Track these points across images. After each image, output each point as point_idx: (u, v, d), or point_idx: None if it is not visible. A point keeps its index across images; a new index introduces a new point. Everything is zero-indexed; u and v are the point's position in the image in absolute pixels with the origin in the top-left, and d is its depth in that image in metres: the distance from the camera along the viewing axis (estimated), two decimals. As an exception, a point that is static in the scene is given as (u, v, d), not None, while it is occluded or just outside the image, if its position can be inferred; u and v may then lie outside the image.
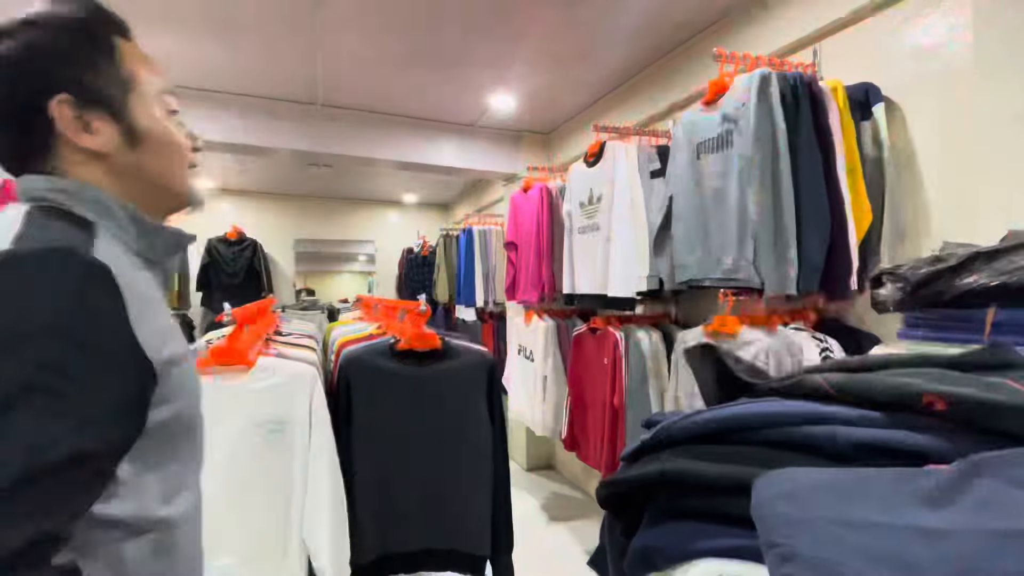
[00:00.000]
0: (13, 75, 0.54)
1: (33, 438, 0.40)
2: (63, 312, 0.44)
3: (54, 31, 0.55)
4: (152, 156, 0.60)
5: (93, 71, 0.56)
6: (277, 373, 1.23)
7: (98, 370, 0.45)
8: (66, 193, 0.54)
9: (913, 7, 1.49)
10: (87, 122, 0.56)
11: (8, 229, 0.48)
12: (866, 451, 0.52)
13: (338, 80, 2.62)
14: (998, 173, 1.25)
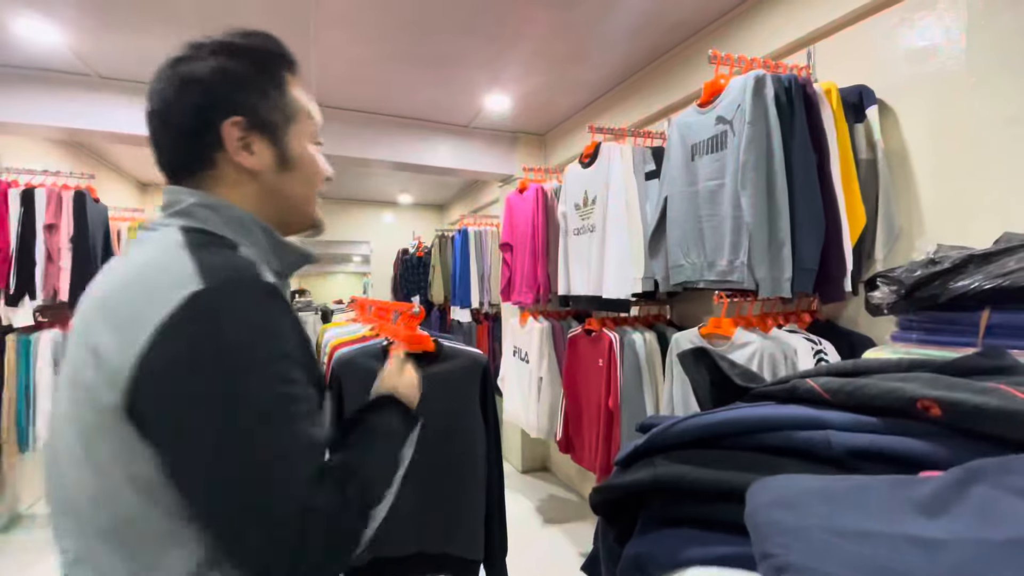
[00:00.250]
0: (201, 92, 0.60)
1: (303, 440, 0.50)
2: (288, 336, 0.53)
3: (240, 59, 0.62)
4: (296, 180, 0.67)
5: (264, 99, 0.63)
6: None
7: (305, 377, 0.54)
8: (211, 209, 0.60)
9: (907, 9, 1.49)
10: (249, 143, 0.62)
11: (164, 250, 0.54)
12: (861, 457, 0.51)
13: (333, 80, 2.60)
14: (992, 175, 1.25)
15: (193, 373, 0.47)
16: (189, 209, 0.59)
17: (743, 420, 0.58)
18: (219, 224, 0.60)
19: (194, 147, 0.61)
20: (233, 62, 0.62)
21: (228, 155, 0.62)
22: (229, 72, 0.61)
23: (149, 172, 4.48)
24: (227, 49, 0.63)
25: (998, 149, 1.24)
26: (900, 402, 0.52)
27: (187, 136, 0.61)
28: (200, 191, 0.61)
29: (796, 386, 0.62)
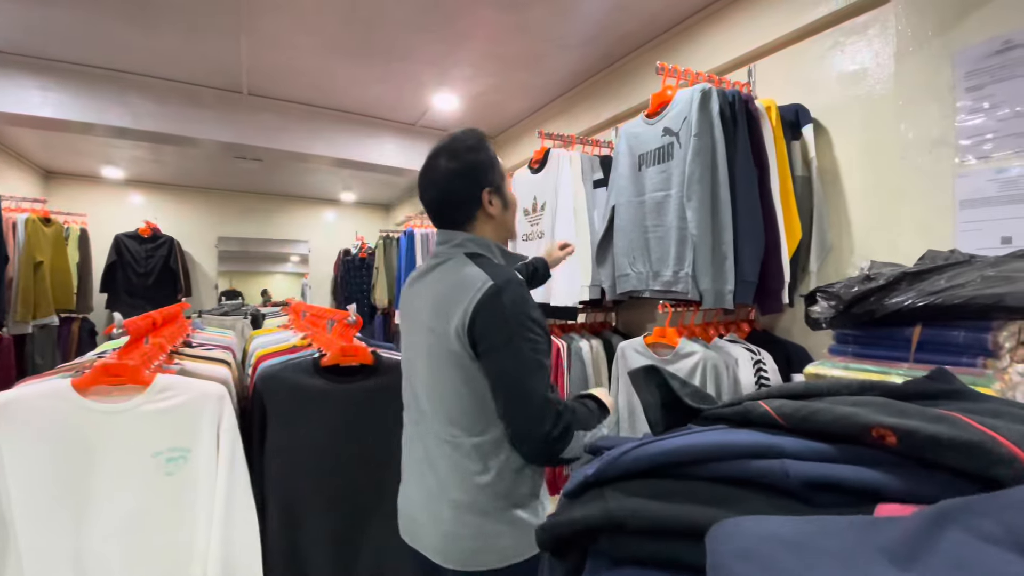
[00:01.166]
0: (472, 179, 0.99)
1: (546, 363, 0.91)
2: (534, 309, 0.93)
3: (481, 152, 1.01)
4: (509, 214, 1.06)
5: (495, 173, 1.02)
6: (179, 392, 1.08)
7: (541, 331, 0.92)
8: (479, 243, 1.01)
9: (841, 33, 1.56)
10: (491, 200, 1.01)
11: (463, 268, 0.95)
12: (818, 488, 0.49)
13: (267, 68, 2.43)
14: (917, 195, 1.32)
15: (494, 323, 0.88)
16: (463, 243, 1.01)
17: (697, 448, 0.55)
18: (480, 247, 1.01)
19: (468, 209, 1.01)
20: (480, 155, 1.01)
21: (483, 209, 1.01)
22: (481, 162, 1.00)
23: (58, 159, 4.03)
24: (473, 148, 1.01)
25: (923, 170, 1.30)
26: (854, 429, 0.51)
27: (465, 204, 1.01)
28: (464, 232, 1.02)
29: (749, 409, 0.60)
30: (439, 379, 0.95)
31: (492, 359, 0.89)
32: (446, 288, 0.96)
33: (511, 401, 0.88)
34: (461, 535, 0.92)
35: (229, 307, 3.29)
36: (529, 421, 0.86)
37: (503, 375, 0.88)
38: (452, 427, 0.94)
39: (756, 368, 1.45)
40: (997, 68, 1.15)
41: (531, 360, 0.87)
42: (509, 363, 0.88)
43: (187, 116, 2.61)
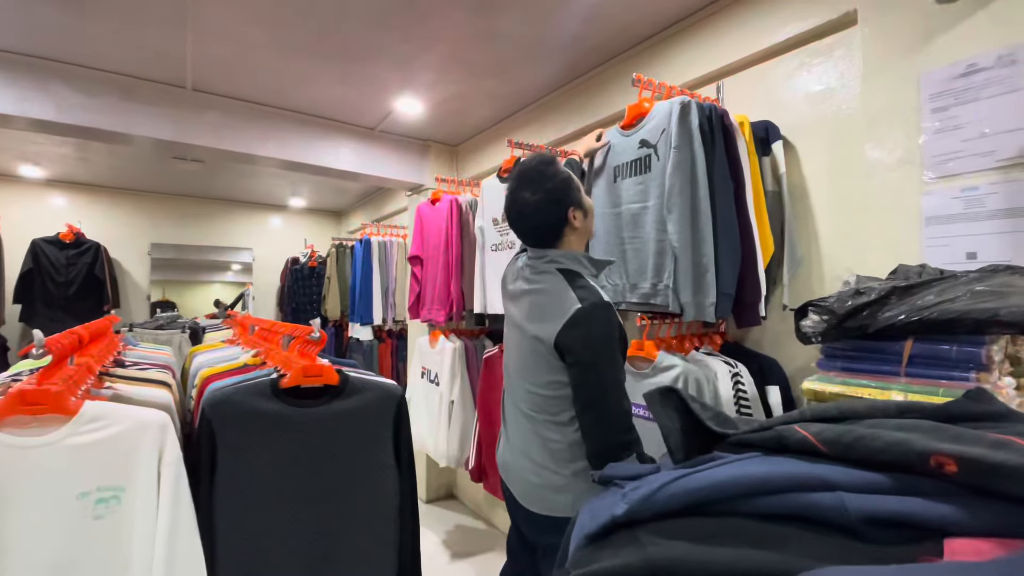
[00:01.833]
0: (559, 201, 1.20)
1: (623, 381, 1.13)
2: (616, 329, 1.13)
3: (562, 174, 1.21)
4: (590, 220, 1.27)
5: (577, 192, 1.22)
6: (111, 422, 0.93)
7: (621, 350, 1.17)
8: (572, 258, 1.20)
9: (807, 54, 1.61)
10: (575, 215, 1.21)
11: (558, 284, 1.18)
12: (879, 524, 0.45)
13: (215, 63, 2.25)
14: (884, 211, 1.36)
15: (580, 341, 1.09)
16: (554, 259, 1.21)
17: (739, 481, 0.50)
18: (570, 261, 1.20)
19: (557, 227, 1.21)
20: (558, 180, 1.20)
21: (570, 225, 1.21)
22: (566, 186, 1.20)
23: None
24: (550, 177, 1.20)
25: (889, 187, 1.35)
26: (910, 457, 0.47)
27: (554, 228, 1.21)
28: (554, 249, 1.23)
29: (785, 435, 0.56)
30: (526, 368, 1.23)
31: (577, 371, 1.11)
32: (543, 300, 1.20)
33: (589, 409, 1.11)
34: (534, 483, 1.22)
35: (164, 319, 3.01)
36: (605, 429, 1.08)
37: (586, 387, 1.11)
38: (533, 406, 1.22)
39: (734, 381, 1.44)
40: (961, 91, 1.20)
41: (609, 377, 1.09)
42: (592, 377, 1.09)
43: (121, 110, 2.37)
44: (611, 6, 1.85)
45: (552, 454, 1.18)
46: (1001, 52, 1.14)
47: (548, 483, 1.18)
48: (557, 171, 1.19)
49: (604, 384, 1.07)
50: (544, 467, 1.19)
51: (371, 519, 1.11)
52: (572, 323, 1.08)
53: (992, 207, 1.18)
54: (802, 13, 1.57)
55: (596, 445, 1.09)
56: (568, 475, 1.17)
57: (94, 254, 3.99)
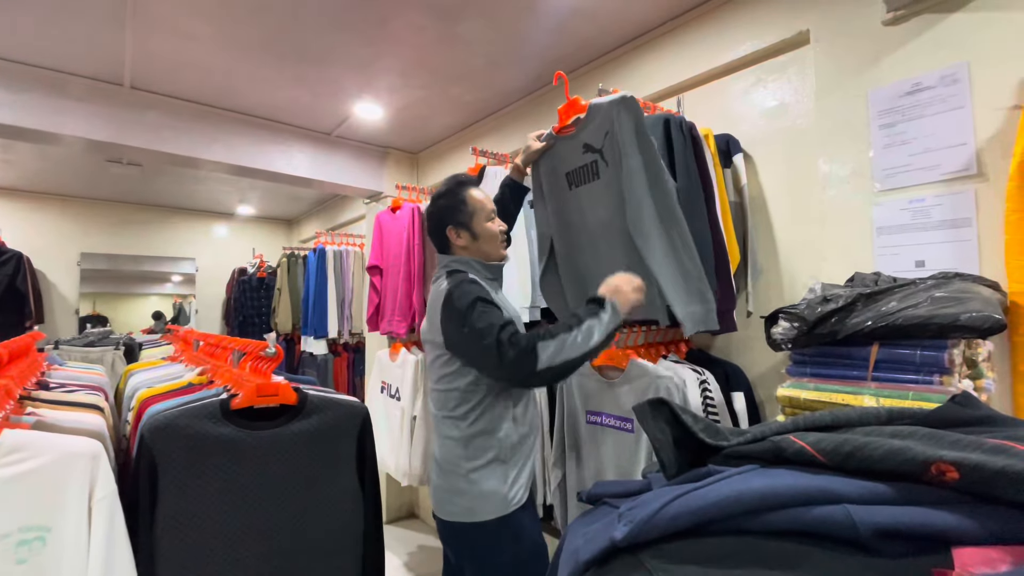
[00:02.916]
0: (438, 219, 1.33)
1: (496, 319, 1.12)
2: (480, 293, 1.19)
3: (451, 197, 1.33)
4: (481, 244, 1.33)
5: (459, 212, 1.31)
6: (34, 453, 0.82)
7: (493, 304, 1.18)
8: (459, 262, 1.31)
9: (763, 71, 1.67)
10: (458, 233, 1.32)
11: (443, 284, 1.26)
12: (887, 536, 0.44)
13: (157, 59, 2.11)
14: (837, 222, 1.41)
15: (448, 314, 1.19)
16: (447, 263, 1.33)
17: (744, 498, 0.47)
18: (459, 263, 1.31)
19: (441, 241, 1.35)
20: (444, 201, 1.33)
21: (452, 243, 1.33)
22: (444, 208, 1.33)
23: None
24: (441, 196, 1.34)
25: (842, 199, 1.40)
26: (911, 465, 0.46)
27: (439, 237, 1.35)
28: (449, 255, 1.34)
29: (781, 446, 0.54)
30: (430, 366, 1.31)
31: (455, 338, 1.18)
32: (432, 299, 1.30)
33: (473, 355, 1.17)
34: (437, 485, 1.27)
35: (95, 335, 2.77)
36: (487, 360, 1.11)
37: (462, 341, 1.16)
38: (435, 403, 1.31)
39: (702, 389, 1.45)
40: (908, 108, 1.27)
41: (479, 320, 1.11)
42: (466, 331, 1.13)
43: (50, 108, 2.17)
44: (574, 19, 1.87)
45: (450, 451, 1.23)
46: (944, 72, 1.21)
47: (449, 485, 1.22)
48: (448, 194, 1.32)
49: (474, 327, 1.11)
50: (444, 467, 1.24)
51: (333, 553, 1.03)
52: (443, 304, 1.20)
53: (937, 218, 1.24)
54: (758, 31, 1.63)
55: (498, 379, 1.17)
56: (464, 474, 1.19)
57: (15, 265, 3.63)
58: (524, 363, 1.04)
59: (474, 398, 1.21)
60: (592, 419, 1.57)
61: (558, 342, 1.06)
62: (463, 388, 1.21)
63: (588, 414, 1.59)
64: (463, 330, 1.12)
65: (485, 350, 1.08)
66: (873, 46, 1.34)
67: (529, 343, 1.05)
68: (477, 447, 1.20)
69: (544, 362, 1.04)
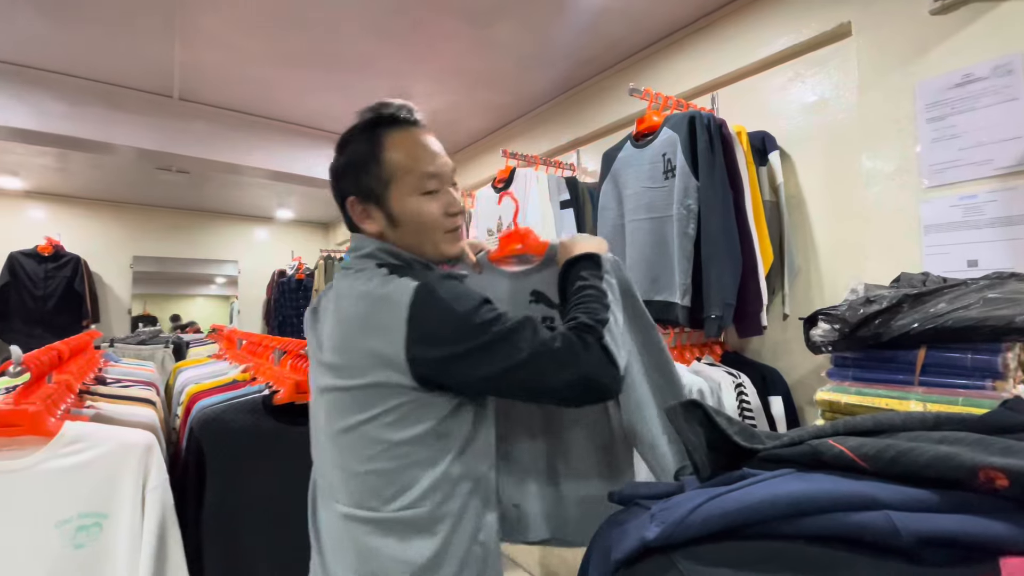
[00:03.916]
0: (334, 185, 0.81)
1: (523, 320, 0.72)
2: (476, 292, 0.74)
3: (347, 149, 0.79)
4: (405, 233, 0.78)
5: (367, 175, 0.77)
6: (93, 444, 0.88)
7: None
8: (387, 252, 0.78)
9: (801, 66, 1.62)
10: (368, 212, 0.79)
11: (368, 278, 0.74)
12: (931, 544, 0.42)
13: (204, 71, 2.21)
14: (882, 220, 1.36)
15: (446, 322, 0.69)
16: (371, 250, 0.78)
17: (780, 501, 0.47)
18: (392, 260, 0.78)
19: (347, 218, 0.81)
20: (344, 155, 0.79)
21: (358, 226, 0.80)
22: (340, 164, 0.80)
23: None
24: (341, 144, 0.81)
25: (887, 197, 1.35)
26: (958, 472, 0.45)
27: (343, 211, 0.81)
28: (378, 241, 0.79)
29: (820, 450, 0.53)
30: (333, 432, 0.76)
31: (453, 362, 0.68)
32: (344, 314, 0.74)
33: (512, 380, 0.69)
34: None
35: (147, 334, 2.92)
36: (547, 375, 0.68)
37: (481, 363, 0.68)
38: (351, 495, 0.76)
39: (738, 392, 1.42)
40: (958, 100, 1.22)
41: (504, 323, 0.69)
42: (486, 342, 0.68)
43: (105, 119, 2.31)
44: (605, 19, 1.86)
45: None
46: (997, 62, 1.15)
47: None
48: (352, 141, 0.79)
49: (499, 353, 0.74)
50: None
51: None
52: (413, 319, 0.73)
53: (991, 215, 1.18)
54: (796, 25, 1.58)
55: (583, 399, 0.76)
56: None
57: (73, 267, 3.87)
58: (604, 366, 0.69)
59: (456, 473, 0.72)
60: (623, 421, 1.56)
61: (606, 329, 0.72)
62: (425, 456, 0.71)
63: (619, 416, 1.57)
64: (475, 344, 0.68)
65: (545, 357, 0.68)
66: (920, 37, 1.28)
67: (591, 335, 0.70)
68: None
69: (620, 359, 0.72)
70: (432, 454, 0.71)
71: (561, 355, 0.68)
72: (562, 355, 0.68)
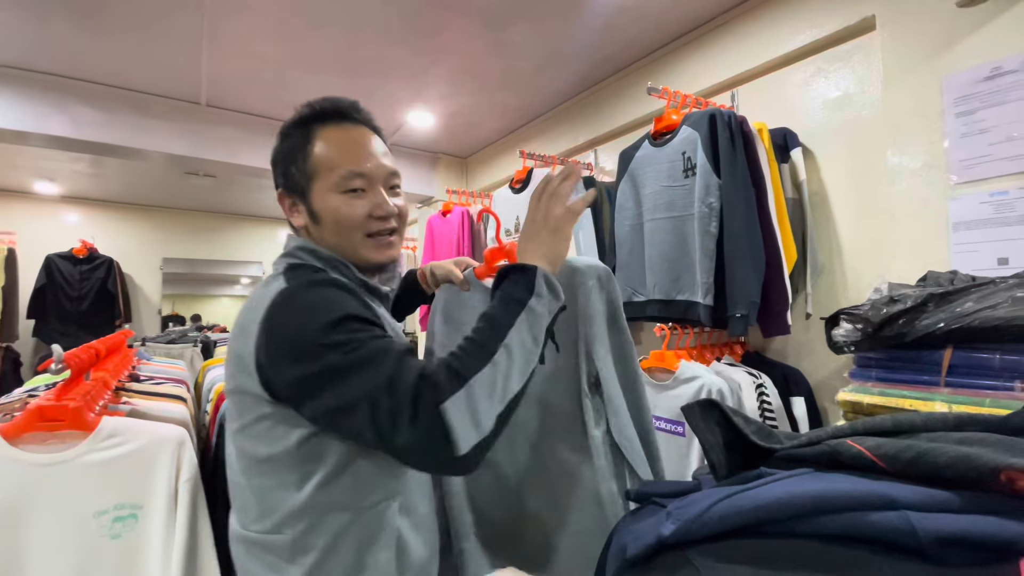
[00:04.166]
0: (275, 174, 0.79)
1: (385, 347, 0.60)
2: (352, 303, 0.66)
3: (282, 139, 0.77)
4: (325, 232, 0.75)
5: (295, 166, 0.75)
6: (129, 438, 0.92)
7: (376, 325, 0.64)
8: (306, 251, 0.74)
9: (823, 62, 1.59)
10: (296, 205, 0.77)
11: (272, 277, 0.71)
12: (949, 544, 0.42)
13: (229, 78, 2.27)
14: (908, 217, 1.33)
15: (292, 333, 0.63)
16: (292, 250, 0.76)
17: (797, 500, 0.47)
18: (312, 259, 0.74)
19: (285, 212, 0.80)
20: (278, 145, 0.78)
21: (287, 212, 0.79)
22: (275, 153, 0.78)
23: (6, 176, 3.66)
24: (279, 134, 0.78)
25: (913, 193, 1.32)
26: (978, 473, 0.44)
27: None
28: (302, 239, 0.77)
29: (837, 449, 0.53)
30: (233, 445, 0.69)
31: (294, 383, 0.60)
32: (240, 317, 0.68)
33: (343, 419, 0.58)
34: None
35: (176, 334, 3.02)
36: (381, 433, 0.55)
37: (316, 388, 0.59)
38: (237, 509, 0.71)
39: (759, 393, 1.41)
40: (988, 94, 1.18)
41: (352, 347, 0.58)
42: (318, 370, 0.58)
43: (136, 126, 2.39)
44: (622, 17, 1.85)
45: None
46: (1029, 54, 1.12)
47: None
48: (286, 134, 0.77)
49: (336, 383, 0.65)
50: None
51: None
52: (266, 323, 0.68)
53: (1023, 211, 1.15)
54: (818, 20, 1.56)
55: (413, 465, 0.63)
56: None
57: (107, 269, 4.01)
58: (430, 441, 0.54)
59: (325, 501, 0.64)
60: (642, 421, 1.56)
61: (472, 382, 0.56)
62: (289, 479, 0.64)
63: (638, 416, 1.57)
64: (309, 370, 0.59)
65: (373, 410, 0.55)
66: (946, 30, 1.25)
67: (434, 394, 0.54)
68: None
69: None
70: (296, 477, 0.63)
71: (395, 408, 0.54)
72: (395, 409, 0.54)
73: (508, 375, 0.58)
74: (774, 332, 1.42)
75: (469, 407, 0.55)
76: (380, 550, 0.66)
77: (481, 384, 0.56)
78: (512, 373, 0.59)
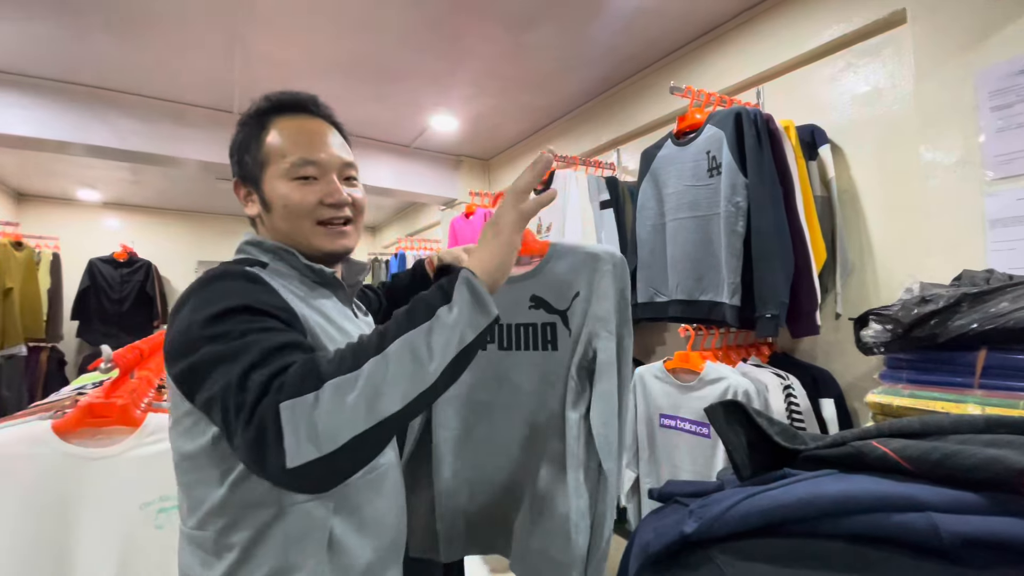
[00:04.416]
0: (232, 162, 0.78)
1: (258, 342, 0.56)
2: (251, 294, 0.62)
3: (241, 127, 0.77)
4: (276, 219, 0.74)
5: (248, 155, 0.75)
6: (173, 434, 0.96)
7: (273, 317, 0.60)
8: (251, 244, 0.75)
9: (852, 56, 1.56)
10: (250, 194, 0.77)
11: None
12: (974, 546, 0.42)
13: (259, 85, 2.34)
14: (942, 214, 1.30)
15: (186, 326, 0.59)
16: (243, 246, 0.76)
17: (819, 500, 0.47)
18: (259, 253, 0.74)
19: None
20: (235, 135, 0.78)
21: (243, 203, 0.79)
22: (233, 142, 0.78)
23: (32, 181, 3.86)
24: (238, 124, 0.78)
25: (947, 190, 1.29)
26: (1006, 474, 0.44)
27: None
28: (252, 232, 0.78)
29: (863, 451, 0.53)
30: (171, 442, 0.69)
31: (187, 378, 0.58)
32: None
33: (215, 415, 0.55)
34: None
35: (211, 334, 3.13)
36: (227, 431, 0.52)
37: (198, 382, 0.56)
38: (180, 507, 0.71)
39: (786, 394, 1.39)
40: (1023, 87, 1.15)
41: (221, 342, 0.55)
42: (194, 362, 0.56)
43: (173, 135, 2.50)
44: (645, 16, 1.85)
45: None
46: (1069, 45, 1.08)
47: None
48: (243, 123, 0.77)
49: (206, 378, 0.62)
50: None
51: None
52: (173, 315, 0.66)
53: (1065, 208, 1.11)
54: (846, 14, 1.53)
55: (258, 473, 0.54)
56: None
57: (145, 272, 4.18)
58: (265, 446, 0.49)
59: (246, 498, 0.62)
60: (667, 422, 1.55)
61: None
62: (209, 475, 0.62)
63: (662, 417, 1.57)
64: (191, 360, 0.56)
65: (226, 403, 0.52)
66: (980, 22, 1.22)
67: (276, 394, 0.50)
68: None
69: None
70: (217, 474, 0.62)
71: (238, 404, 0.50)
72: (238, 404, 0.50)
73: (379, 390, 0.50)
74: (803, 333, 1.40)
75: (310, 416, 0.48)
76: (309, 549, 0.63)
77: (339, 392, 0.49)
78: (385, 389, 0.50)
